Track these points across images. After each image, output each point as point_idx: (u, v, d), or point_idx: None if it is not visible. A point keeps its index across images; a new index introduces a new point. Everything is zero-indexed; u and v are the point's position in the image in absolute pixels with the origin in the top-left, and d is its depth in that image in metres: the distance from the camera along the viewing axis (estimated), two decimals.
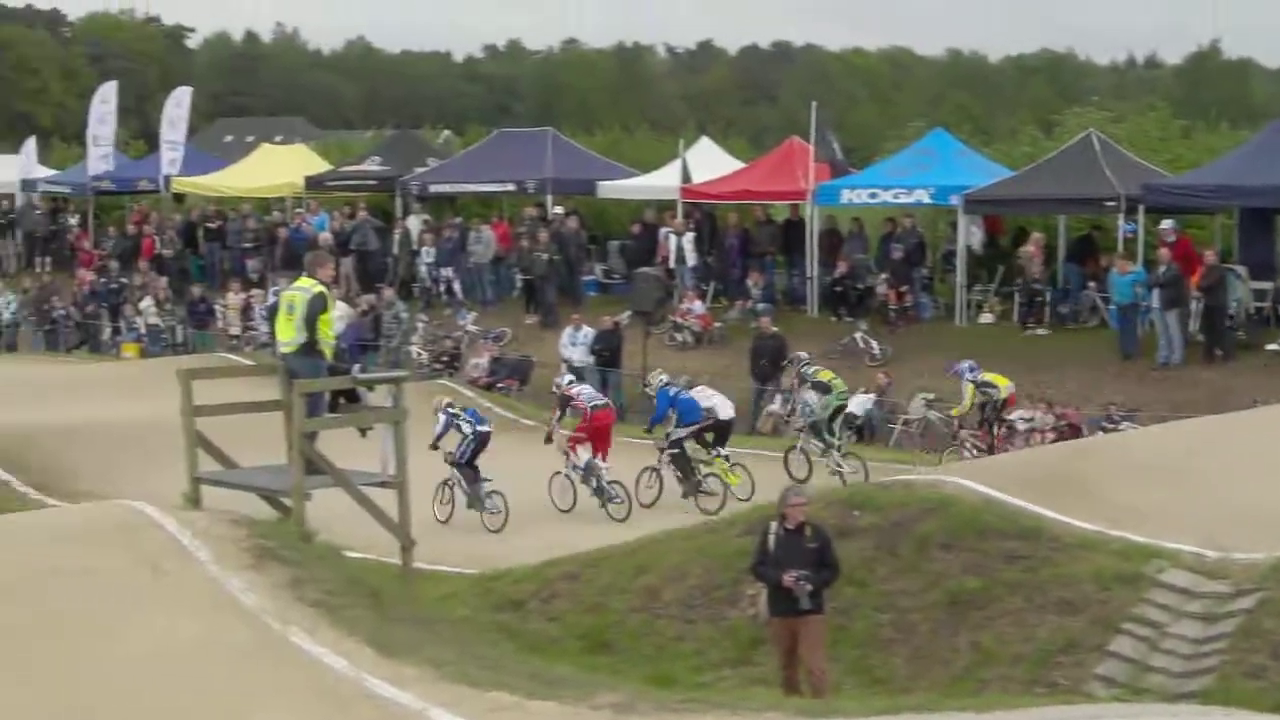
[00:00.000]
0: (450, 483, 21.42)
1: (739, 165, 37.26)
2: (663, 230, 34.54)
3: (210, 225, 39.80)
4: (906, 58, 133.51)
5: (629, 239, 36.07)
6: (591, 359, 30.54)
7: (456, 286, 36.11)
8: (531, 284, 35.04)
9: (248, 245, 38.78)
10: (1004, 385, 24.27)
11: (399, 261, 36.94)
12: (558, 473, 21.82)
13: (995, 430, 24.28)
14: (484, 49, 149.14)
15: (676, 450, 22.02)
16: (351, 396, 15.76)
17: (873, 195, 32.72)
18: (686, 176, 34.98)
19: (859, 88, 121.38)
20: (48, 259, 42.29)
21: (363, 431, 15.68)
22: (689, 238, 33.82)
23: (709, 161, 36.90)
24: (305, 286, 15.33)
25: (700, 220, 34.74)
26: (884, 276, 32.20)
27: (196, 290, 36.54)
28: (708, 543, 15.15)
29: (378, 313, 33.29)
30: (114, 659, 10.93)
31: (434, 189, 38.44)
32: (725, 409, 22.70)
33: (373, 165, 40.42)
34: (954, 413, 24.86)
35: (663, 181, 36.19)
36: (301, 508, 14.38)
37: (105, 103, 44.19)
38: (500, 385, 30.60)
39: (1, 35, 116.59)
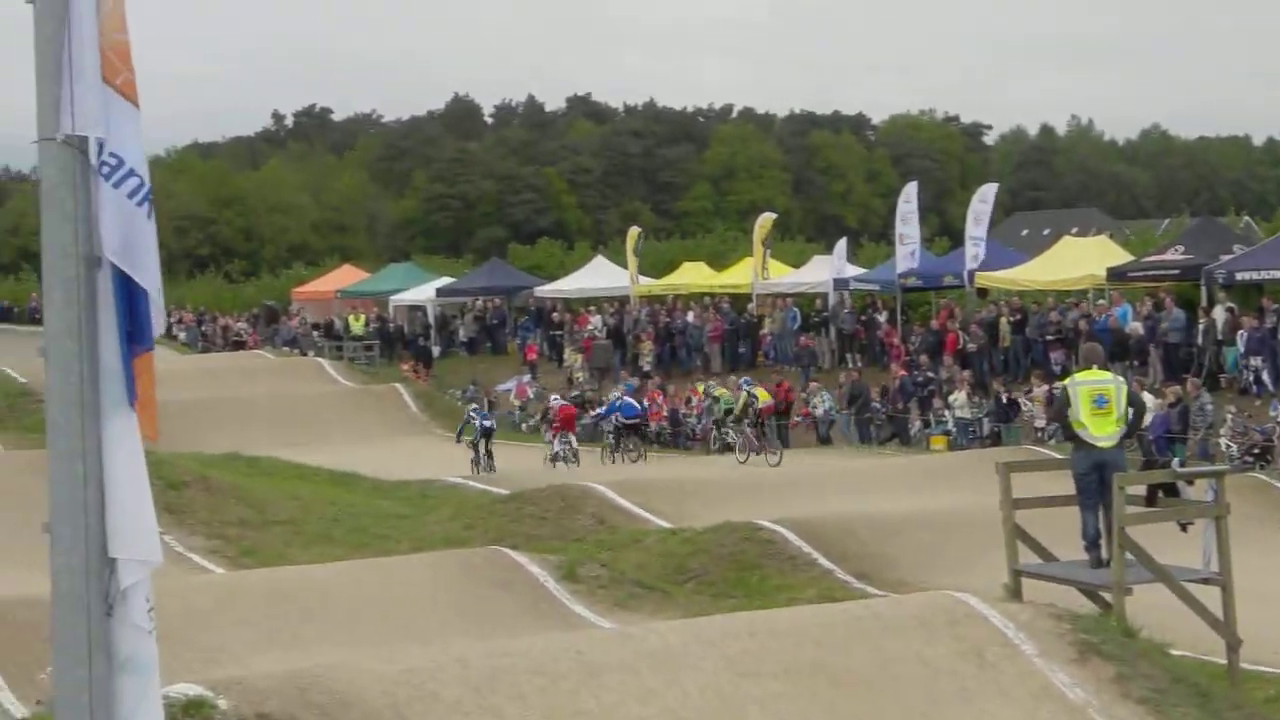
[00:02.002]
0: (476, 459, 32.90)
1: None
2: None
3: (1012, 319, 40.30)
4: None
5: None
6: None
7: (1266, 376, 34.88)
8: None
9: (1050, 338, 39.02)
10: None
11: (1204, 351, 36.15)
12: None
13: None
14: None
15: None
16: (1170, 490, 15.62)
17: None
18: None
19: None
20: (858, 354, 44.08)
21: (1183, 526, 15.52)
22: None
23: None
24: (1108, 378, 15.43)
25: None
26: None
27: (998, 384, 37.06)
28: None
29: (1184, 404, 32.66)
30: None
31: (1240, 276, 37.36)
32: None
33: (1175, 254, 39.76)
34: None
35: None
36: (1122, 603, 14.38)
37: (908, 202, 45.74)
38: None
39: (812, 141, 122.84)
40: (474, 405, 35.54)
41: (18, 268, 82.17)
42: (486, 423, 33.32)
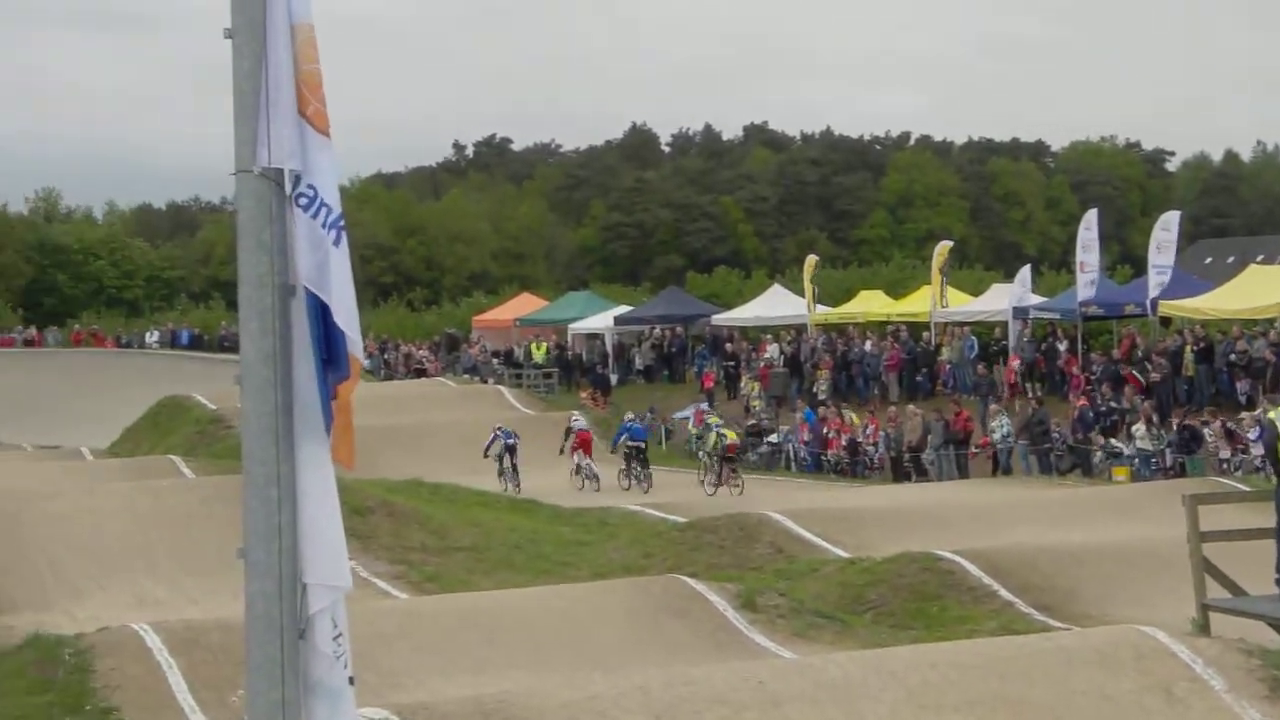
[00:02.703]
0: (503, 472, 34.98)
1: None
2: None
3: (1196, 347, 39.55)
4: None
5: None
6: None
7: None
8: None
9: (1233, 359, 38.24)
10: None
11: None
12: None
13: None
14: None
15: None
16: None
17: None
18: None
19: None
20: (1038, 384, 43.50)
21: None
22: None
23: None
24: None
25: None
26: None
27: (1178, 414, 36.36)
28: None
29: None
30: None
31: None
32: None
33: None
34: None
35: None
36: None
37: (1088, 229, 45.14)
38: None
39: (990, 168, 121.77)
40: (498, 424, 37.13)
41: (207, 296, 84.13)
42: (510, 440, 35.48)
